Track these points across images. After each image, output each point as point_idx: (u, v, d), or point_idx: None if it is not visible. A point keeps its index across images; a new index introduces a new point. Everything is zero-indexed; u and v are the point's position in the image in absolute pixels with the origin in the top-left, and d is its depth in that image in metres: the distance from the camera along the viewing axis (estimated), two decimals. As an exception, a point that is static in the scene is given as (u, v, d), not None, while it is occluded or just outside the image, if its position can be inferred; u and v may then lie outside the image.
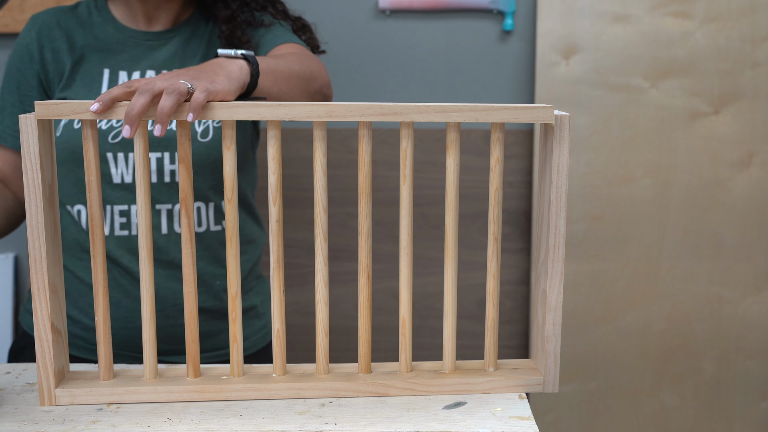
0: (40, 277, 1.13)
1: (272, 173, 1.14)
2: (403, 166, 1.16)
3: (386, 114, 1.12)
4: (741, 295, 2.29)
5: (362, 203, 1.17)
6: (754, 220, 2.26)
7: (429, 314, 2.33)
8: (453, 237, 1.19)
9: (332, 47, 2.25)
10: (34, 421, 1.12)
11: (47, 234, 1.12)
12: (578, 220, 2.26)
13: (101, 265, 1.16)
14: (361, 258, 1.18)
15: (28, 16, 2.18)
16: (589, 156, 2.24)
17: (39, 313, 1.13)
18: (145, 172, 1.13)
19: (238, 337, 1.19)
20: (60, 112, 1.09)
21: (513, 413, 1.15)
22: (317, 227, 1.17)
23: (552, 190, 1.16)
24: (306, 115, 1.11)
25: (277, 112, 1.11)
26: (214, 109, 1.11)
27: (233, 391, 1.18)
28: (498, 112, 1.13)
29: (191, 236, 1.16)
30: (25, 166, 1.10)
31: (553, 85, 2.21)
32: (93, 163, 1.13)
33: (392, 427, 1.11)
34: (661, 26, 2.20)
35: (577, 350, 2.30)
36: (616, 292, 2.29)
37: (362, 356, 1.22)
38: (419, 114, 1.12)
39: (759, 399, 2.33)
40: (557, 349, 1.21)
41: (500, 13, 2.24)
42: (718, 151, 2.24)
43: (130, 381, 1.19)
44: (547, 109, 1.13)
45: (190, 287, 1.17)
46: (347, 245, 2.30)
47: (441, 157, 2.27)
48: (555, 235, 1.17)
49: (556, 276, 1.19)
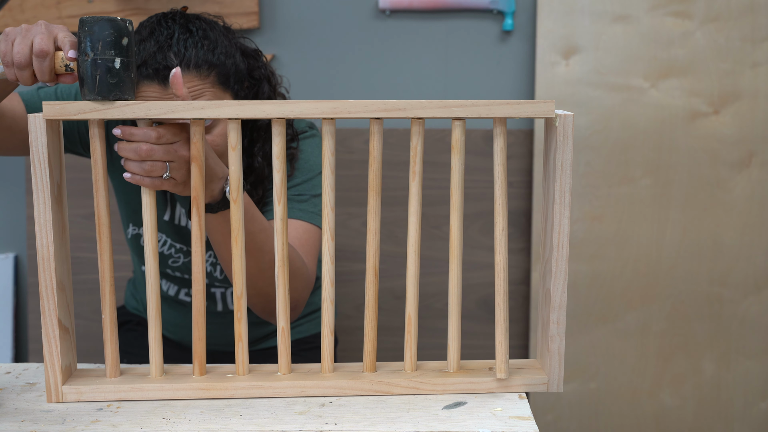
0: (48, 275, 1.13)
1: (277, 171, 1.15)
2: (413, 164, 1.16)
3: (390, 110, 1.12)
4: (741, 295, 2.29)
5: (371, 201, 1.17)
6: (754, 220, 2.27)
7: (429, 314, 2.33)
8: (458, 237, 1.19)
9: (332, 47, 2.25)
10: (34, 421, 1.12)
11: (55, 232, 1.13)
12: (578, 220, 2.26)
13: (108, 263, 1.16)
14: (369, 256, 1.18)
15: (28, 16, 2.18)
16: (589, 156, 2.24)
17: (46, 310, 1.13)
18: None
19: (243, 336, 1.19)
20: (67, 111, 1.09)
21: (513, 413, 1.15)
22: (324, 225, 1.17)
23: (556, 190, 1.16)
24: (311, 112, 1.12)
25: (282, 109, 1.11)
26: (222, 108, 1.11)
27: (238, 389, 1.18)
28: (500, 107, 1.13)
29: (201, 236, 1.16)
30: (34, 166, 1.10)
31: (553, 85, 2.21)
32: (99, 162, 1.13)
33: (392, 427, 1.11)
34: (661, 26, 2.20)
35: (577, 350, 2.31)
36: (616, 292, 2.29)
37: (367, 354, 1.22)
38: (422, 110, 1.13)
39: (759, 399, 2.34)
40: (561, 349, 1.21)
41: (500, 13, 2.24)
42: (718, 151, 2.25)
43: (136, 378, 1.20)
44: (548, 104, 1.14)
45: (199, 285, 1.17)
46: (348, 245, 2.30)
47: (441, 157, 2.27)
48: (559, 234, 1.18)
49: (560, 275, 1.19)
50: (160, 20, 1.39)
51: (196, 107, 1.11)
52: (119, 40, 1.07)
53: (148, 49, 1.34)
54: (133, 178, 1.17)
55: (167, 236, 1.58)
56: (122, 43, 1.08)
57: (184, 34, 1.36)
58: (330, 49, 2.24)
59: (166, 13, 1.41)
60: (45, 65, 1.11)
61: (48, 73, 1.12)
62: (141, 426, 1.10)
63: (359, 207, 2.29)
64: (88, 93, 1.09)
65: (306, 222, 1.50)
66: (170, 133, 1.16)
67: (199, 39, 1.37)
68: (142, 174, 1.16)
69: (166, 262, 1.60)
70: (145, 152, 1.15)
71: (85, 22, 1.07)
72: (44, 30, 1.12)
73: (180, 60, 1.34)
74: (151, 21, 1.40)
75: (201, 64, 1.36)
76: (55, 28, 1.13)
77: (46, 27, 1.13)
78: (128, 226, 1.61)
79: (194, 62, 1.35)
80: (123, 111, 1.10)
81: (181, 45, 1.35)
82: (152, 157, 1.15)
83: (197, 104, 1.11)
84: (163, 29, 1.37)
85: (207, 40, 1.38)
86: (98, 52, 1.07)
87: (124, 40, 1.08)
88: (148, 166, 1.16)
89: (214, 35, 1.40)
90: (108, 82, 1.08)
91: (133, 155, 1.16)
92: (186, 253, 1.60)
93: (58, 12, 2.19)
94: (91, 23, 1.07)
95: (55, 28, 1.13)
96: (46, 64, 1.11)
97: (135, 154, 1.16)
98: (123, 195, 1.57)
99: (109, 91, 1.08)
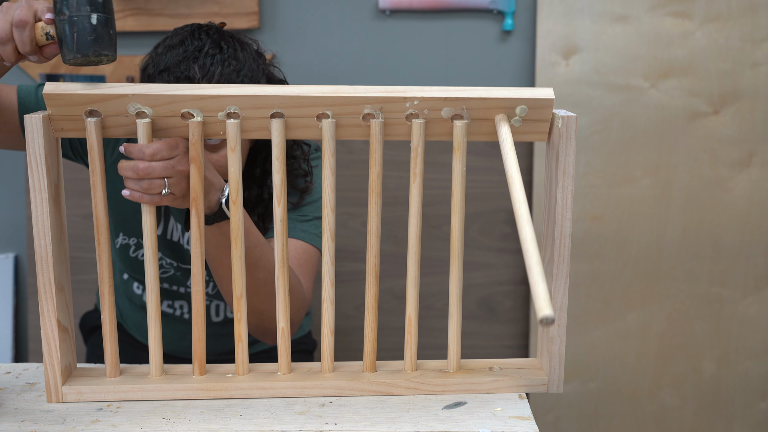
0: (47, 276, 1.13)
1: (277, 173, 1.15)
2: (414, 164, 1.16)
3: (389, 92, 1.12)
4: (741, 295, 2.29)
5: (372, 203, 1.17)
6: (754, 220, 2.27)
7: (429, 314, 2.33)
8: (459, 237, 1.19)
9: (332, 47, 2.25)
10: (34, 421, 1.12)
11: (53, 233, 1.12)
12: (578, 220, 2.26)
13: (107, 264, 1.16)
14: (369, 257, 1.18)
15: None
16: (589, 156, 2.24)
17: (45, 311, 1.13)
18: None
19: (243, 336, 1.19)
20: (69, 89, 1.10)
21: (513, 413, 1.15)
22: (324, 226, 1.17)
23: (558, 191, 1.16)
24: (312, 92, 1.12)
25: (284, 91, 1.12)
26: (222, 88, 1.11)
27: (238, 389, 1.18)
28: (499, 91, 1.13)
29: (200, 236, 1.16)
30: (31, 166, 1.10)
31: (553, 85, 2.21)
32: (97, 163, 1.13)
33: (392, 427, 1.11)
34: (661, 26, 2.20)
35: (577, 350, 2.31)
36: (616, 292, 2.29)
37: (367, 355, 1.22)
38: (422, 92, 1.12)
39: (759, 399, 2.34)
40: (562, 350, 1.21)
41: (500, 13, 2.24)
42: (718, 151, 2.24)
43: (136, 379, 1.20)
44: (546, 90, 1.14)
45: (198, 286, 1.17)
46: (347, 245, 2.30)
47: (441, 157, 2.27)
48: (560, 236, 1.17)
49: (561, 277, 1.19)
50: (194, 31, 1.37)
51: (197, 89, 1.11)
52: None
53: (174, 56, 1.33)
54: (132, 195, 1.16)
55: (158, 250, 1.56)
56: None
57: (213, 49, 1.34)
58: (330, 49, 2.24)
59: (202, 25, 1.39)
60: (25, 35, 1.10)
61: (29, 43, 1.11)
62: (141, 426, 1.10)
63: (359, 207, 2.29)
64: (67, 53, 1.07)
65: (306, 243, 1.48)
66: (166, 148, 1.15)
67: (227, 57, 1.35)
68: (141, 191, 1.16)
69: None
70: (142, 170, 1.15)
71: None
72: (24, 4, 1.11)
73: (203, 74, 1.32)
74: (185, 30, 1.38)
75: (222, 83, 1.33)
76: (36, 2, 1.12)
77: (27, 2, 1.12)
78: (117, 235, 1.58)
79: (216, 79, 1.33)
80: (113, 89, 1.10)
81: (207, 59, 1.33)
82: (150, 175, 1.15)
83: (198, 87, 1.11)
84: (195, 40, 1.35)
85: (235, 60, 1.35)
86: (73, 8, 1.05)
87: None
88: (146, 184, 1.16)
89: (244, 57, 1.37)
90: (86, 39, 1.06)
91: (131, 173, 1.15)
92: (176, 268, 1.58)
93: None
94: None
95: (36, 2, 1.12)
96: (27, 34, 1.10)
97: (133, 172, 1.15)
98: (114, 203, 1.54)
99: (88, 48, 1.06)
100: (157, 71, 1.34)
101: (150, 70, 1.36)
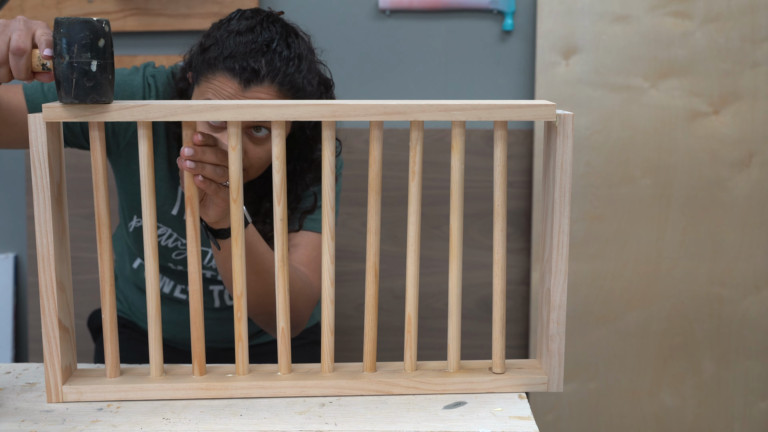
0: (48, 275, 1.13)
1: (277, 172, 1.15)
2: (413, 164, 1.16)
3: (390, 113, 1.12)
4: (741, 295, 2.29)
5: (371, 201, 1.17)
6: (754, 220, 2.27)
7: (429, 314, 2.33)
8: (458, 236, 1.19)
9: (332, 47, 2.25)
10: (34, 421, 1.12)
11: (55, 232, 1.13)
12: (578, 220, 2.26)
13: (108, 263, 1.16)
14: (369, 256, 1.18)
15: (29, 16, 2.18)
16: (589, 156, 2.25)
17: (46, 310, 1.13)
18: (149, 171, 1.13)
19: (243, 336, 1.19)
20: (67, 114, 1.09)
21: (513, 413, 1.15)
22: (324, 225, 1.17)
23: (556, 189, 1.17)
24: (310, 114, 1.12)
25: (282, 112, 1.11)
26: (221, 110, 1.11)
27: (238, 389, 1.18)
28: (501, 110, 1.13)
29: (197, 235, 1.16)
30: (34, 166, 1.10)
31: (553, 85, 2.21)
32: (100, 163, 1.13)
33: (392, 427, 1.11)
34: (661, 26, 2.20)
35: (577, 350, 2.31)
36: (616, 292, 2.29)
37: (367, 354, 1.22)
38: (422, 113, 1.13)
39: (759, 399, 2.34)
40: (561, 348, 1.21)
41: (500, 13, 2.24)
42: (718, 151, 2.25)
43: (136, 378, 1.19)
44: (549, 107, 1.14)
45: (195, 285, 1.17)
46: (347, 245, 2.30)
47: (441, 156, 2.27)
48: (559, 234, 1.18)
49: (560, 275, 1.19)
50: (263, 21, 1.36)
51: (196, 110, 1.10)
52: (95, 42, 1.04)
53: (241, 43, 1.32)
54: (204, 182, 1.17)
55: (173, 230, 1.56)
56: (99, 45, 1.04)
57: (281, 46, 1.34)
58: (330, 49, 2.23)
59: (268, 14, 1.39)
60: (21, 63, 1.08)
61: (24, 71, 1.09)
62: (141, 426, 1.10)
63: (359, 207, 2.29)
64: (65, 96, 1.06)
65: (317, 233, 1.50)
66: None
67: (293, 57, 1.35)
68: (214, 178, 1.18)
69: (169, 255, 1.58)
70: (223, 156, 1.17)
71: (60, 23, 1.04)
72: (22, 26, 1.09)
73: (269, 69, 1.32)
74: (250, 16, 1.37)
75: (284, 82, 1.34)
76: (34, 24, 1.10)
77: (25, 23, 1.09)
78: (132, 218, 1.58)
79: (280, 77, 1.33)
80: (122, 114, 1.10)
81: (276, 56, 1.33)
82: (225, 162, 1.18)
83: (199, 106, 1.11)
84: (265, 32, 1.34)
85: (299, 61, 1.36)
86: (74, 54, 1.03)
87: (100, 41, 1.04)
88: (221, 171, 1.17)
89: (307, 57, 1.38)
90: (84, 86, 1.05)
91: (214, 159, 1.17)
92: None
93: (59, 12, 2.19)
94: (66, 25, 1.03)
95: (34, 24, 1.10)
96: (23, 63, 1.08)
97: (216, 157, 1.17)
98: (129, 187, 1.54)
99: (86, 95, 1.05)
100: (222, 56, 1.33)
101: (213, 52, 1.35)
